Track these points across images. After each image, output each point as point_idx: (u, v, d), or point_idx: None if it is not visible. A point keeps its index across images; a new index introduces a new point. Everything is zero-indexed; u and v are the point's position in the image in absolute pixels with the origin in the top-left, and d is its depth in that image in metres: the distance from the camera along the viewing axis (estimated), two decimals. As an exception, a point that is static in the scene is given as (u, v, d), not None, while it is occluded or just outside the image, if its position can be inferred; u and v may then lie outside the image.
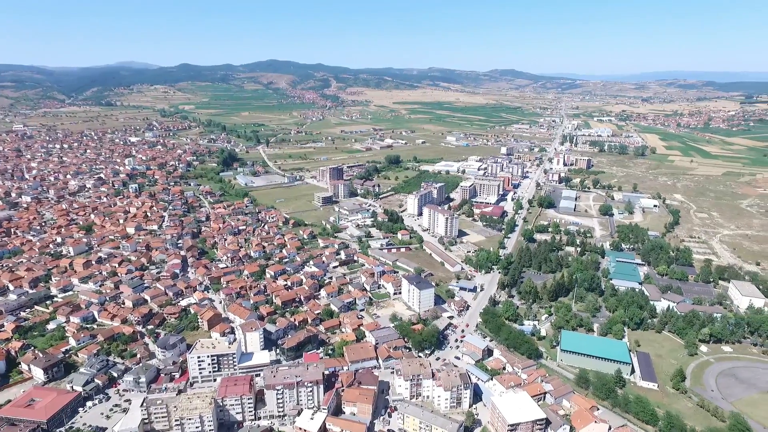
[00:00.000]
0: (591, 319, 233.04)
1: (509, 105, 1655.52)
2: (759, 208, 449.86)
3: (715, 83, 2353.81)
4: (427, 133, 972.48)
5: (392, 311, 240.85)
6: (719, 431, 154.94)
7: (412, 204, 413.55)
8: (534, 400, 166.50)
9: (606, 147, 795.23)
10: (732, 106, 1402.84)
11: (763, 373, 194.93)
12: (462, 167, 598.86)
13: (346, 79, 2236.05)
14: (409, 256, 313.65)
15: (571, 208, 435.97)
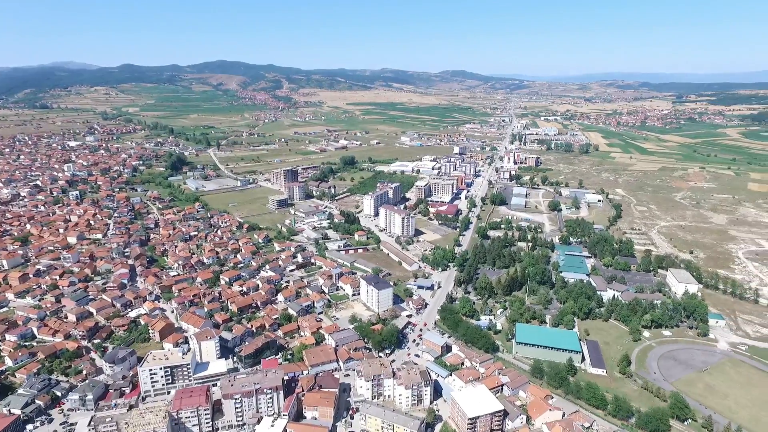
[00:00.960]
0: (543, 311, 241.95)
1: (461, 105, 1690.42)
2: (691, 200, 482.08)
3: (650, 84, 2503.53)
4: (381, 133, 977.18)
5: (351, 312, 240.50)
6: (661, 411, 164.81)
7: (368, 205, 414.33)
8: (492, 392, 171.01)
9: (553, 145, 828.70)
10: (665, 106, 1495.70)
11: (698, 354, 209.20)
12: (416, 167, 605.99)
13: (299, 80, 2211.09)
14: (366, 257, 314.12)
15: (522, 205, 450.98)
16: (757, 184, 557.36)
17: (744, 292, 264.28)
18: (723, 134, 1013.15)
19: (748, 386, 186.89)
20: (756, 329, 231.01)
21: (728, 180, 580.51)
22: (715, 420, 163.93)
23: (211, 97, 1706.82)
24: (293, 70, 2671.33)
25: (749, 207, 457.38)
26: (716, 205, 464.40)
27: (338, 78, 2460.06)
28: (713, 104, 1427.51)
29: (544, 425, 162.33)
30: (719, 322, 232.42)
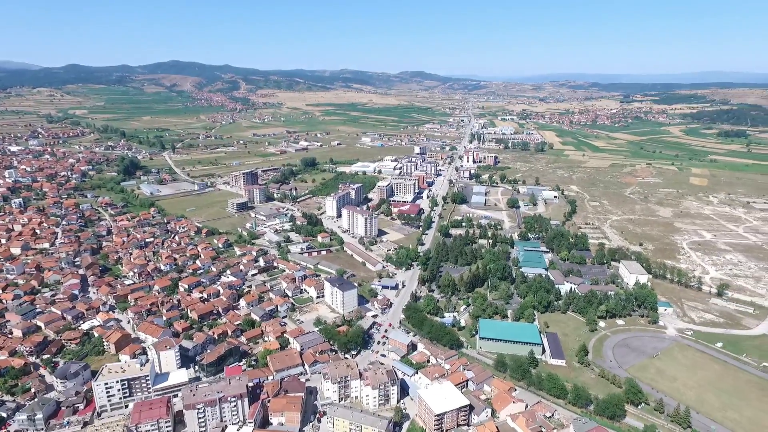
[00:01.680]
0: (505, 306, 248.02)
1: (420, 105, 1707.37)
2: (639, 195, 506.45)
3: (599, 84, 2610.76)
4: (342, 134, 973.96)
5: (316, 315, 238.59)
6: (617, 397, 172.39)
7: (330, 206, 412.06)
8: (458, 388, 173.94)
9: (510, 144, 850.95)
10: (614, 105, 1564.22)
11: (649, 341, 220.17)
12: (378, 167, 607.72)
13: (256, 81, 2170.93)
14: (330, 259, 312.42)
15: (482, 203, 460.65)
16: (698, 178, 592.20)
17: (689, 281, 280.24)
18: (666, 132, 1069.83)
19: (694, 369, 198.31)
20: (700, 315, 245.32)
21: (672, 175, 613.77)
22: (666, 402, 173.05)
23: (165, 99, 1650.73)
24: (251, 70, 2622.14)
25: (691, 200, 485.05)
26: (662, 199, 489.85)
27: (297, 79, 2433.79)
28: (657, 103, 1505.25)
29: (508, 417, 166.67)
30: (667, 309, 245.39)
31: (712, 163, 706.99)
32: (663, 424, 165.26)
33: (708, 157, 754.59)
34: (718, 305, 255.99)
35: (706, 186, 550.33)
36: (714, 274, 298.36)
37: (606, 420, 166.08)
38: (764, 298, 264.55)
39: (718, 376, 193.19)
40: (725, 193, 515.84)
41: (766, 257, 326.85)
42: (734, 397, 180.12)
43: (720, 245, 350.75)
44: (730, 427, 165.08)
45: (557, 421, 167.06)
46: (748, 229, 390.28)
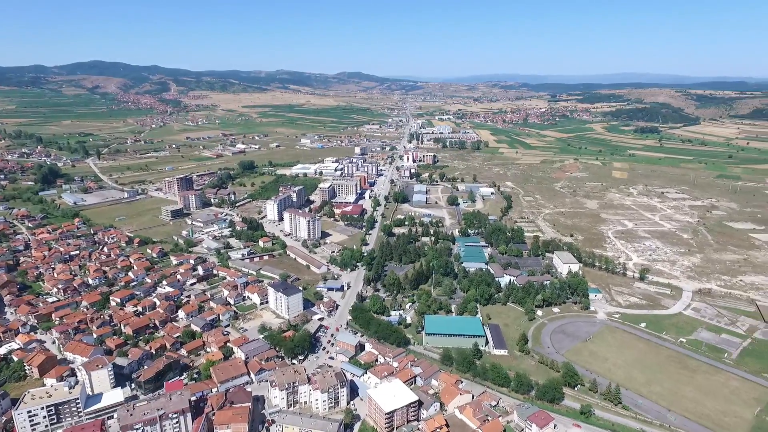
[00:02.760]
0: (449, 301, 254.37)
1: (359, 106, 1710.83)
2: (568, 189, 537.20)
3: (528, 84, 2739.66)
4: (280, 136, 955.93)
5: (260, 322, 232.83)
6: (556, 380, 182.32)
7: (271, 210, 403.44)
8: (406, 384, 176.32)
9: (448, 143, 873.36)
10: (542, 104, 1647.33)
11: (582, 326, 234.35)
12: (319, 169, 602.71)
13: (188, 82, 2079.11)
14: (273, 263, 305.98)
15: (423, 201, 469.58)
16: (619, 172, 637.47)
17: (615, 267, 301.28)
18: (590, 129, 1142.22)
19: (623, 349, 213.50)
20: (626, 299, 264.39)
21: (597, 169, 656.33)
22: (599, 382, 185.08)
23: (87, 102, 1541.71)
24: (181, 71, 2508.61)
25: (614, 192, 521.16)
26: (589, 192, 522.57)
27: (231, 80, 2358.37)
28: (581, 102, 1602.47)
29: (456, 409, 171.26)
30: (597, 295, 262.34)
31: (630, 157, 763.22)
32: (597, 402, 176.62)
33: (627, 152, 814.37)
34: (641, 289, 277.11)
35: (627, 179, 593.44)
36: (636, 260, 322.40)
37: (546, 403, 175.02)
38: (679, 280, 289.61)
39: (642, 354, 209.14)
40: (643, 184, 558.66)
41: (679, 242, 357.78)
42: (657, 372, 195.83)
43: (640, 233, 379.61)
44: (654, 399, 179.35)
45: (502, 408, 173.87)
46: (664, 217, 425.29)
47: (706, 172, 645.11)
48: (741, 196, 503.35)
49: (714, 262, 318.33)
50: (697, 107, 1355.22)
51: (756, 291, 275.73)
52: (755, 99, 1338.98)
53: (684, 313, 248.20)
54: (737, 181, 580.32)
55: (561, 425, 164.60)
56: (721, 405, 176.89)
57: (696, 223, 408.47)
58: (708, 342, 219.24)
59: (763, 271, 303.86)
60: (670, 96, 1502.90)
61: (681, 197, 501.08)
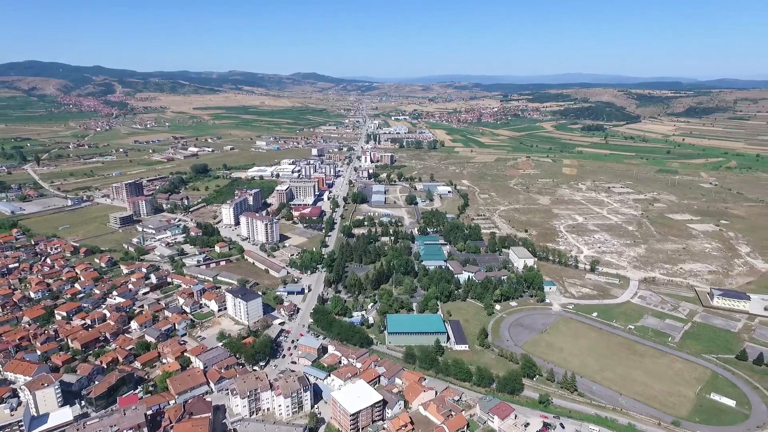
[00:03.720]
0: (410, 299, 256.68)
1: (315, 107, 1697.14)
2: (522, 186, 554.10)
3: (481, 85, 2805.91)
4: (234, 138, 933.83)
5: (219, 329, 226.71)
6: (515, 372, 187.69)
7: (227, 214, 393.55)
8: (370, 384, 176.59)
9: (404, 143, 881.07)
10: (495, 104, 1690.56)
11: (539, 318, 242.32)
12: (276, 171, 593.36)
13: (135, 84, 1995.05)
14: (230, 269, 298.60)
15: (382, 201, 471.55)
16: (568, 168, 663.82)
17: (567, 260, 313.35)
18: (541, 127, 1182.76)
19: (577, 338, 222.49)
20: (578, 290, 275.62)
21: (548, 166, 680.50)
22: (556, 371, 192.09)
23: (23, 104, 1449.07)
24: (127, 72, 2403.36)
25: (565, 188, 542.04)
26: (541, 188, 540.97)
27: (181, 81, 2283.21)
28: (531, 102, 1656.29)
29: (420, 406, 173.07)
30: (552, 288, 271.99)
31: (579, 154, 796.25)
32: (554, 391, 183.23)
33: (575, 149, 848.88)
34: (592, 280, 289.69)
35: (576, 175, 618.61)
36: (587, 252, 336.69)
37: (507, 395, 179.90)
38: (626, 270, 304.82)
39: (595, 342, 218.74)
40: (591, 180, 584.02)
41: (625, 234, 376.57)
42: (609, 359, 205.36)
43: (590, 226, 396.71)
44: (607, 385, 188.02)
45: (465, 403, 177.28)
46: (611, 211, 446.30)
47: (648, 167, 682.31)
48: (679, 189, 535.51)
49: (657, 252, 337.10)
50: (637, 106, 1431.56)
51: (694, 277, 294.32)
52: (688, 98, 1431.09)
53: (631, 302, 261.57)
54: (675, 175, 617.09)
55: (521, 415, 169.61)
56: (667, 386, 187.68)
57: (640, 215, 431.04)
58: (654, 327, 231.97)
59: (700, 259, 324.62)
60: (613, 95, 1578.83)
61: (626, 191, 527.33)
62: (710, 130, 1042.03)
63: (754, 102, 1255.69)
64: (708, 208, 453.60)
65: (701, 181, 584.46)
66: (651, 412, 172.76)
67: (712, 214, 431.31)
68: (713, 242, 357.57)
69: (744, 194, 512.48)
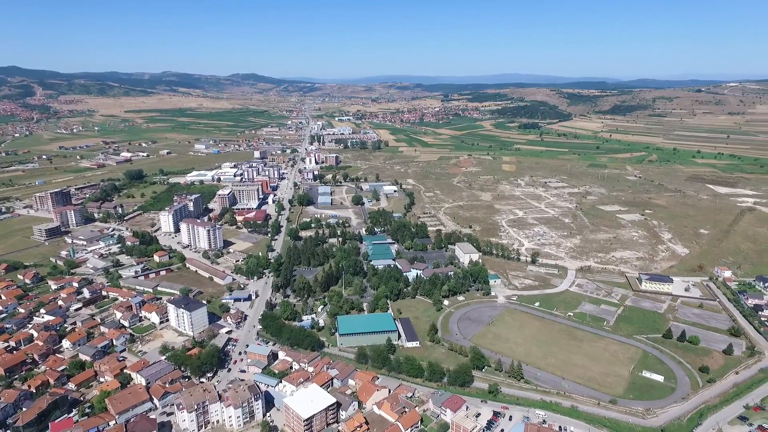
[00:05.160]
0: (360, 299, 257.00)
1: (256, 109, 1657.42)
2: (464, 183, 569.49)
3: (422, 85, 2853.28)
4: (171, 142, 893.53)
5: (161, 342, 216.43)
6: (465, 365, 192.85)
7: (166, 221, 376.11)
8: (324, 388, 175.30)
9: (349, 143, 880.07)
10: (436, 104, 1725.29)
11: (485, 311, 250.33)
12: (217, 175, 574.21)
13: (57, 86, 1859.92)
14: (171, 278, 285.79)
15: (328, 203, 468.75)
16: (508, 165, 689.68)
17: (510, 254, 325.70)
18: (480, 126, 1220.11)
19: (521, 328, 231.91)
20: (521, 281, 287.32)
21: (488, 164, 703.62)
22: (503, 361, 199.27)
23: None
24: (48, 73, 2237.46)
25: (505, 184, 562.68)
26: (483, 185, 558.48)
27: (111, 82, 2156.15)
28: (471, 101, 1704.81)
29: (374, 406, 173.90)
30: (496, 281, 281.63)
31: (517, 151, 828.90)
32: (503, 380, 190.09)
33: (513, 146, 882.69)
34: (533, 271, 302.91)
35: (515, 171, 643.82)
36: (527, 245, 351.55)
37: (458, 388, 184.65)
38: (564, 260, 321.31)
39: (538, 331, 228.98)
40: (529, 176, 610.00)
41: (562, 226, 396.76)
42: (551, 346, 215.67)
43: (529, 220, 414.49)
44: (551, 370, 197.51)
45: (418, 398, 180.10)
46: (548, 205, 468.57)
47: (580, 162, 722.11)
48: (608, 182, 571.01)
49: (591, 242, 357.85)
50: (569, 104, 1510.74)
51: (624, 264, 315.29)
52: (613, 97, 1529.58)
53: (570, 290, 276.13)
54: (604, 169, 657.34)
55: (473, 406, 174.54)
56: (604, 367, 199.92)
57: (574, 208, 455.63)
58: (590, 313, 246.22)
59: (628, 247, 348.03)
60: (546, 95, 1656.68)
61: (561, 186, 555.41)
62: (633, 126, 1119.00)
63: (669, 100, 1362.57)
64: (634, 199, 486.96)
65: (627, 174, 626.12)
66: (591, 393, 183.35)
67: (637, 205, 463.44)
68: (639, 231, 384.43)
69: (664, 185, 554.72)
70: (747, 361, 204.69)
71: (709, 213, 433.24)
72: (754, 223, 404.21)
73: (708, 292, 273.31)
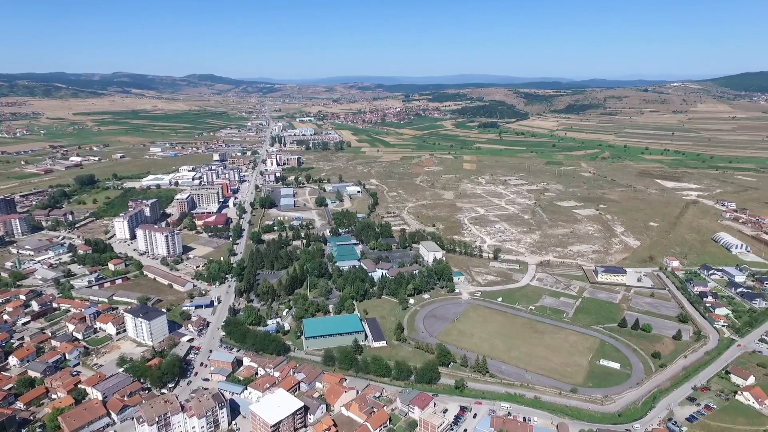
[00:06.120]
0: (326, 301, 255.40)
1: (214, 110, 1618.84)
2: (427, 182, 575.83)
3: (384, 85, 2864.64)
4: (125, 145, 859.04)
5: (119, 354, 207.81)
6: (431, 362, 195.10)
7: (120, 228, 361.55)
8: (291, 392, 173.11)
9: (311, 144, 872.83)
10: (398, 104, 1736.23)
11: (450, 307, 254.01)
12: (174, 179, 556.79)
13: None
14: (128, 287, 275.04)
15: (291, 205, 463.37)
16: (468, 164, 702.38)
17: (473, 251, 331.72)
18: (441, 126, 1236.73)
19: (485, 323, 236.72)
20: (484, 278, 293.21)
21: (450, 163, 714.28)
22: (468, 357, 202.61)
23: None
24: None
25: (467, 183, 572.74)
26: (445, 184, 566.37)
27: (57, 84, 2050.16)
28: (431, 101, 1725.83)
29: (342, 407, 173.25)
30: (460, 278, 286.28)
31: (477, 150, 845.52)
32: (468, 375, 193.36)
33: (474, 145, 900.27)
34: (496, 267, 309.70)
35: (476, 170, 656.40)
36: (489, 242, 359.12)
37: (425, 385, 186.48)
38: (524, 256, 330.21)
39: (502, 325, 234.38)
40: (489, 174, 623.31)
41: (522, 223, 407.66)
42: (515, 339, 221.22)
43: (491, 217, 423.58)
44: (514, 363, 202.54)
45: (386, 398, 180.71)
46: (508, 202, 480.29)
47: (537, 159, 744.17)
48: (564, 179, 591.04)
49: (549, 237, 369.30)
50: (525, 104, 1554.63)
51: (581, 257, 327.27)
52: (567, 96, 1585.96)
53: (531, 284, 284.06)
54: (561, 166, 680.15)
55: (440, 403, 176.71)
56: (564, 358, 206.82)
57: (533, 204, 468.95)
58: (551, 306, 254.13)
59: (585, 241, 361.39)
60: (504, 94, 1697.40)
61: (520, 183, 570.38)
62: (587, 124, 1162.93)
63: (619, 99, 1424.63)
64: (589, 195, 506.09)
65: (582, 171, 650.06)
66: (553, 383, 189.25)
67: (592, 200, 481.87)
68: (595, 225, 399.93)
69: (616, 180, 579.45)
70: (694, 345, 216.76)
71: (658, 206, 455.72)
72: (697, 215, 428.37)
73: (658, 282, 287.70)
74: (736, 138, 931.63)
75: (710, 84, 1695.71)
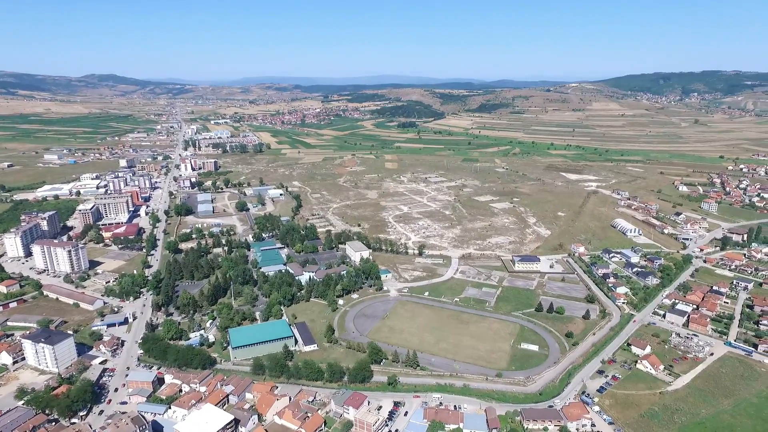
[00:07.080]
0: (252, 309, 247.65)
1: (118, 113, 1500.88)
2: (350, 182, 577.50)
3: (301, 86, 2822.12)
4: (13, 153, 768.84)
5: (17, 385, 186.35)
6: (363, 361, 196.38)
7: (12, 245, 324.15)
8: (219, 406, 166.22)
9: (228, 147, 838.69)
10: (317, 105, 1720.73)
11: (379, 306, 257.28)
12: (76, 188, 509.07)
13: None
14: (25, 310, 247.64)
15: (210, 211, 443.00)
16: (390, 163, 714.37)
17: (398, 248, 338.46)
18: (362, 126, 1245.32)
19: (413, 318, 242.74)
20: (411, 274, 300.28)
21: (372, 162, 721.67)
22: (399, 352, 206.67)
23: None
24: None
25: (389, 182, 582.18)
26: (368, 183, 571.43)
27: None
28: (351, 102, 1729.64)
29: (275, 416, 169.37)
30: (387, 276, 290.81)
31: (398, 149, 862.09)
32: (400, 370, 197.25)
33: (394, 145, 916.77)
34: (421, 263, 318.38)
35: (397, 169, 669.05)
36: (414, 238, 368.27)
37: (359, 384, 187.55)
38: (447, 250, 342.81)
39: (429, 319, 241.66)
40: (410, 172, 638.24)
41: (444, 218, 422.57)
42: (442, 331, 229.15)
43: (414, 215, 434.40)
44: (443, 355, 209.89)
45: (320, 401, 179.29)
46: (430, 199, 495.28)
47: (455, 157, 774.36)
48: (480, 175, 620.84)
49: (469, 231, 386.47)
50: (441, 104, 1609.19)
51: (499, 249, 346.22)
52: (480, 96, 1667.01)
53: (455, 277, 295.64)
54: (476, 163, 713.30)
55: (374, 401, 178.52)
56: (489, 345, 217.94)
57: (453, 200, 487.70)
58: (474, 297, 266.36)
59: (502, 233, 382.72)
60: (420, 95, 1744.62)
61: (440, 180, 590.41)
62: (498, 123, 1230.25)
63: (526, 99, 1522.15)
64: (503, 189, 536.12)
65: (496, 167, 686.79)
66: (480, 370, 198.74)
67: (506, 194, 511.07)
68: (510, 217, 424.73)
69: (527, 175, 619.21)
70: (600, 323, 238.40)
71: (564, 197, 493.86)
72: (597, 204, 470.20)
73: (568, 267, 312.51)
74: (625, 133, 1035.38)
75: (602, 84, 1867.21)
